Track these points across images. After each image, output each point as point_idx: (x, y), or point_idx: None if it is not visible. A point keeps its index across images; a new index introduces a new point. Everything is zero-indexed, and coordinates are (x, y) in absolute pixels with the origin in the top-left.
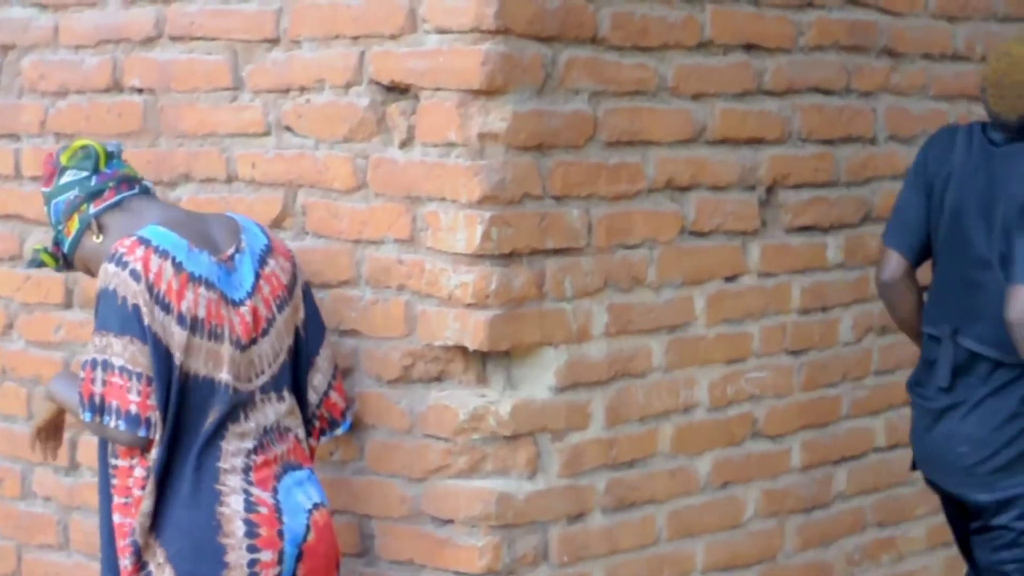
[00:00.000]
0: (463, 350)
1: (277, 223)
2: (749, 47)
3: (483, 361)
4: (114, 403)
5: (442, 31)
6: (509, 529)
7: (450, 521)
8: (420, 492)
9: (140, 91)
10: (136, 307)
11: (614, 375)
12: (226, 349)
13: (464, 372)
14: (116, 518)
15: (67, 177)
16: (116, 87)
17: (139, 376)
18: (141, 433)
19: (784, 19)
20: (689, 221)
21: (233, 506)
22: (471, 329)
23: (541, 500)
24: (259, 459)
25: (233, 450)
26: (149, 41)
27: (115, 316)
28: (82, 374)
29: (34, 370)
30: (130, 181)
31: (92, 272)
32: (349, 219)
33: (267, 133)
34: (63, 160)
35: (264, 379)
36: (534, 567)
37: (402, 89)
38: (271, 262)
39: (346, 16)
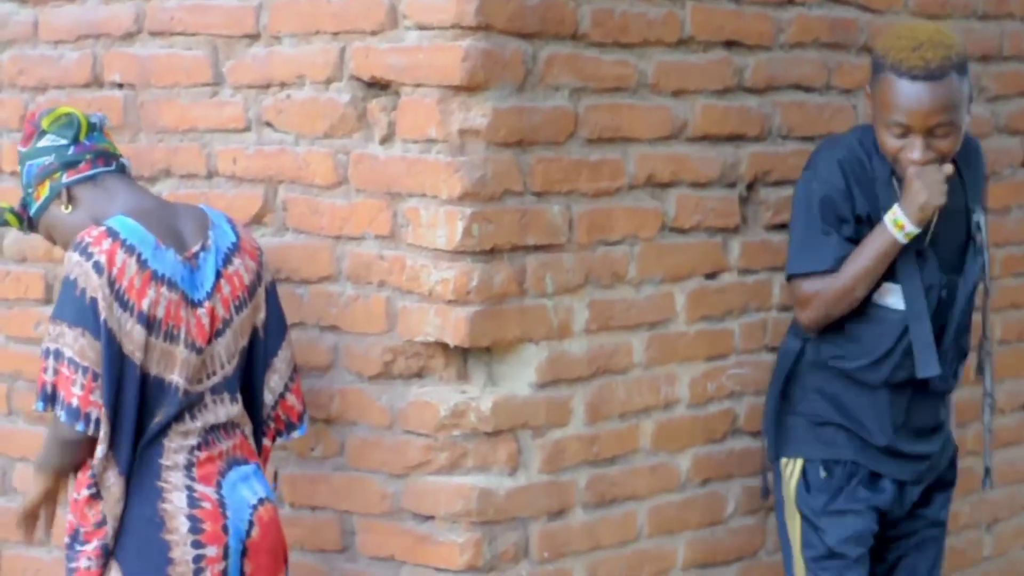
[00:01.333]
0: (444, 346)
1: (258, 219)
2: (729, 44)
3: (464, 357)
4: (61, 393)
5: (423, 27)
6: (490, 525)
7: (431, 517)
8: (401, 488)
9: (120, 86)
10: (94, 300)
11: (595, 371)
12: (180, 351)
13: (445, 368)
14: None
15: (45, 141)
16: (96, 82)
17: (85, 370)
18: (79, 428)
19: (764, 16)
20: (670, 218)
21: (176, 502)
22: (452, 325)
23: (522, 496)
24: (202, 455)
25: (175, 447)
26: (129, 36)
27: (71, 306)
28: (41, 363)
29: (14, 366)
30: (107, 157)
31: (54, 240)
32: (330, 215)
33: (247, 129)
34: (44, 124)
35: (216, 380)
36: (515, 563)
37: (383, 85)
38: (236, 261)
39: (326, 12)
